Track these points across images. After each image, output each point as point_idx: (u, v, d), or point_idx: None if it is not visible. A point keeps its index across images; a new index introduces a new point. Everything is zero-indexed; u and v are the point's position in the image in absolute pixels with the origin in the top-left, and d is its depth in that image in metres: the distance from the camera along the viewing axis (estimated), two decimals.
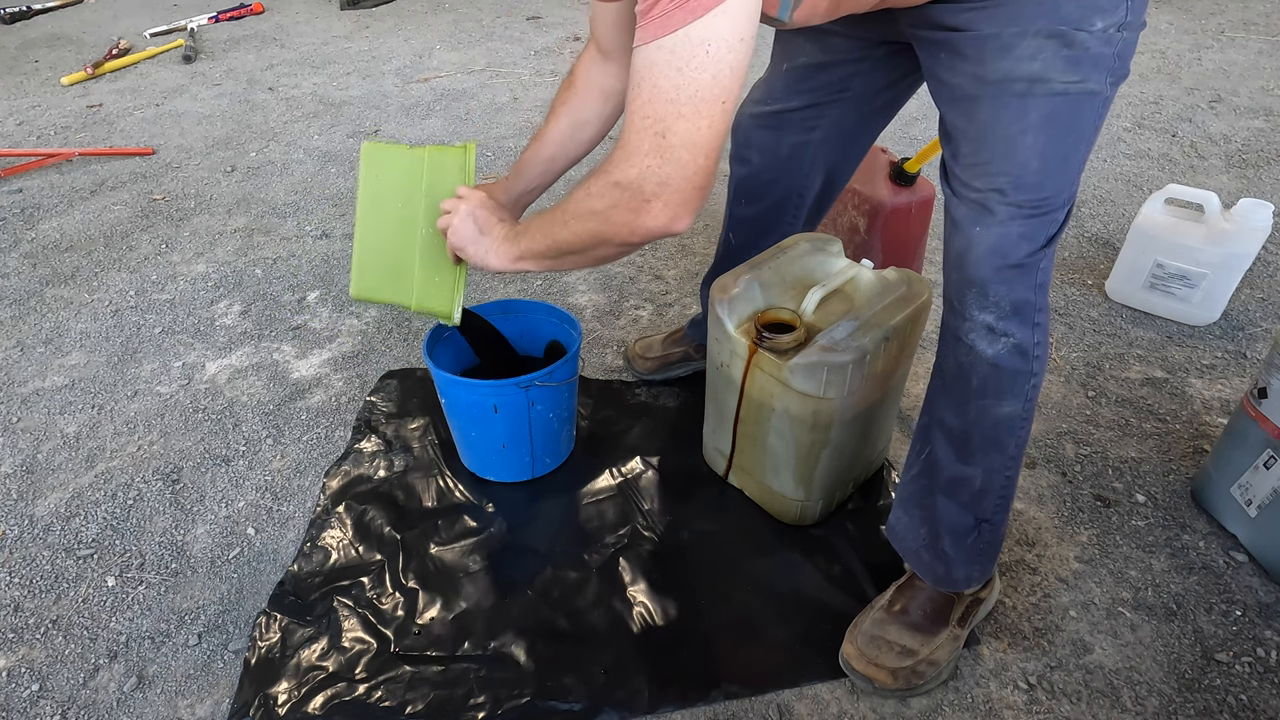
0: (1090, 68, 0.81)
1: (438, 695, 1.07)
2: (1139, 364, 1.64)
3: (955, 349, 0.94)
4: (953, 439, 0.99)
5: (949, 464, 1.00)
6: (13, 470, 1.46)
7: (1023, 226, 0.86)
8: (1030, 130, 0.83)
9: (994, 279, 0.88)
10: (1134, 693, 1.06)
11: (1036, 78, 0.81)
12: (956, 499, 1.02)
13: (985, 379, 0.93)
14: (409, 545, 1.29)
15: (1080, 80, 0.81)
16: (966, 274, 0.89)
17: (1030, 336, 0.91)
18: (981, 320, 0.90)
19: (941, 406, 1.00)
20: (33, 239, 2.24)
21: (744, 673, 1.09)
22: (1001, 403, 0.94)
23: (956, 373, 0.95)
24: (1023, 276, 0.88)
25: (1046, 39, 0.80)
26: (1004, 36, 0.82)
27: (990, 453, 0.98)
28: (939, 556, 1.05)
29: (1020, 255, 0.87)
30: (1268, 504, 1.18)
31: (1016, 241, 0.86)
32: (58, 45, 4.00)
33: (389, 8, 4.52)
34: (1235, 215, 1.62)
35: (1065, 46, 0.80)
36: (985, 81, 0.84)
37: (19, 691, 1.10)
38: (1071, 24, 0.79)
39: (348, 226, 2.28)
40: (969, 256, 0.88)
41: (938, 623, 1.08)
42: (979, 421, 0.96)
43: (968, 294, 0.90)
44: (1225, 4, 3.95)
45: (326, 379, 1.67)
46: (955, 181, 0.91)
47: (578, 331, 1.35)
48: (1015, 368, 0.92)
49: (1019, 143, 0.84)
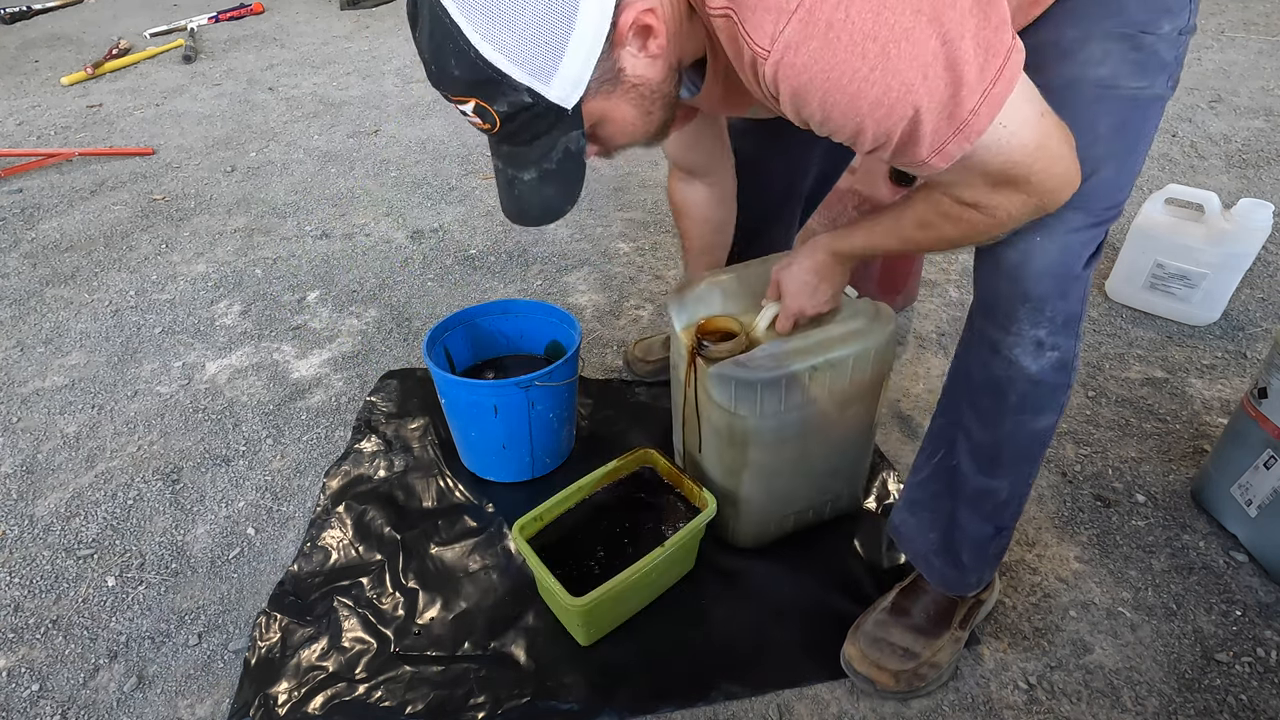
0: (1157, 71, 0.79)
1: (438, 695, 1.07)
2: (1139, 364, 1.64)
3: (991, 362, 0.89)
4: (980, 453, 0.95)
5: (974, 477, 0.96)
6: (13, 470, 1.46)
7: (1086, 235, 0.82)
8: (1102, 139, 0.79)
9: (1053, 292, 0.83)
10: (1134, 693, 1.06)
11: (1106, 83, 0.78)
12: (979, 510, 0.98)
13: (1025, 395, 0.88)
14: (409, 545, 1.28)
15: (1148, 85, 0.79)
16: (1023, 287, 0.83)
17: (1073, 349, 0.87)
18: (1032, 335, 0.85)
19: (967, 418, 0.95)
20: (33, 239, 2.24)
21: (744, 673, 1.09)
22: (1039, 417, 0.90)
23: (990, 386, 0.90)
24: (1077, 288, 0.84)
25: (1114, 42, 0.77)
26: (1064, 41, 0.79)
27: (1020, 465, 0.95)
28: (953, 562, 1.03)
29: (1079, 266, 0.83)
30: (1268, 504, 1.18)
31: (1079, 251, 0.82)
32: (58, 45, 4.00)
33: (389, 8, 4.52)
34: (1235, 215, 1.62)
35: (1134, 50, 0.77)
36: (1048, 89, 0.78)
37: (19, 691, 1.10)
38: (1139, 27, 0.77)
39: (348, 226, 2.28)
40: (1028, 269, 0.82)
41: (940, 625, 1.07)
42: (1013, 436, 0.92)
43: (1020, 308, 0.84)
44: (1225, 4, 3.95)
45: (326, 379, 1.67)
46: None
47: (578, 331, 1.35)
48: (1056, 382, 0.88)
49: (1091, 151, 0.79)
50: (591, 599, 1.02)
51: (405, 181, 2.54)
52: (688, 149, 1.12)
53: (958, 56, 0.62)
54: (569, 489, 1.19)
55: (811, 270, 1.03)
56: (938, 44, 0.62)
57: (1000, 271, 0.85)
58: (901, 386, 1.59)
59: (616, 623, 1.14)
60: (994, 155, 0.69)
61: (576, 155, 0.73)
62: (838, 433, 1.16)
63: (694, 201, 1.20)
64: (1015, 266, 0.83)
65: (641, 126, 0.77)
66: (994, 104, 0.65)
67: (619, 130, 0.76)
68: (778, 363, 1.04)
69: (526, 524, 1.14)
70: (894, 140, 0.67)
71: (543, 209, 0.77)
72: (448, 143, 2.81)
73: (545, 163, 0.73)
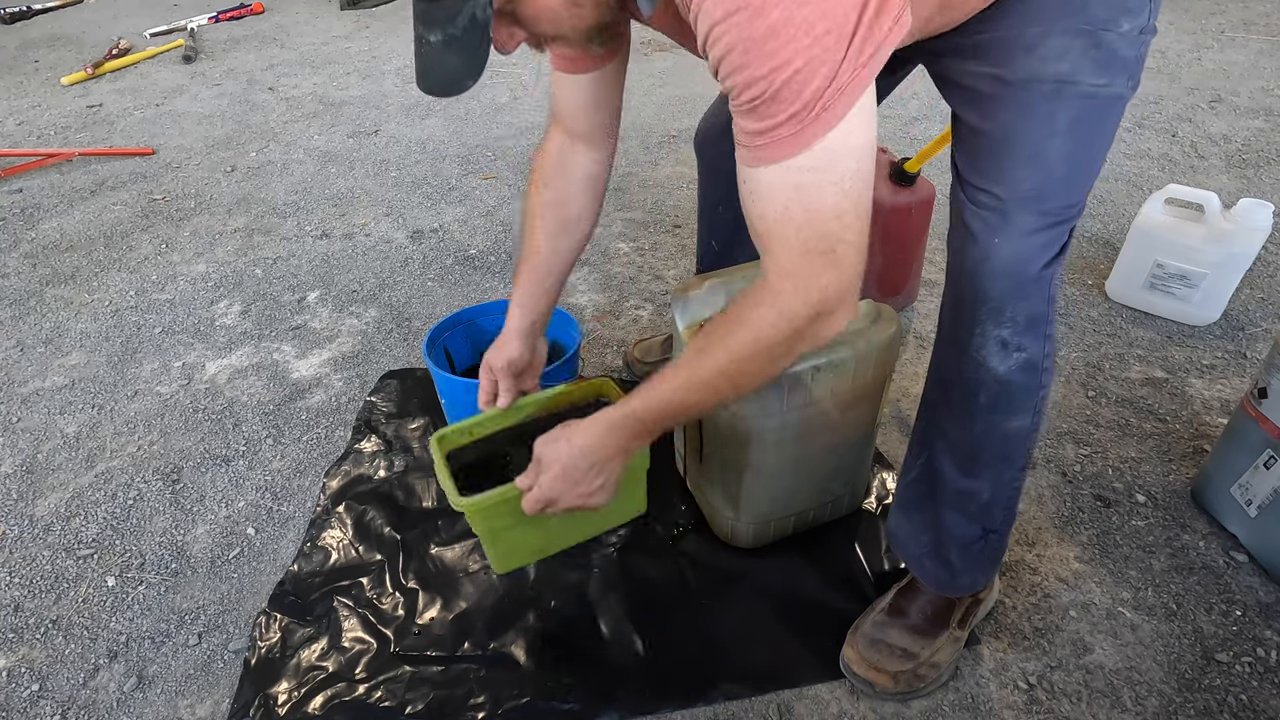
0: (1117, 70, 0.79)
1: (438, 695, 1.07)
2: (1139, 364, 1.64)
3: (961, 363, 0.89)
4: (957, 453, 0.95)
5: (953, 478, 0.97)
6: (13, 470, 1.46)
7: (1044, 237, 0.83)
8: (1059, 134, 0.79)
9: (1012, 293, 0.83)
10: (1134, 693, 1.06)
11: (1065, 78, 0.78)
12: (963, 511, 0.99)
13: (995, 395, 0.89)
14: (409, 545, 1.28)
15: (1107, 83, 0.79)
16: (982, 287, 0.84)
17: (1041, 350, 0.88)
18: (995, 335, 0.85)
19: (943, 418, 0.96)
20: (33, 239, 2.24)
21: (744, 673, 1.09)
22: (1011, 418, 0.91)
23: (961, 387, 0.91)
24: (1038, 289, 0.85)
25: (1074, 38, 0.77)
26: (1026, 36, 0.79)
27: (998, 466, 0.95)
28: (943, 564, 1.04)
29: (1038, 267, 0.83)
30: (1268, 504, 1.18)
31: (1038, 252, 0.83)
32: (58, 45, 4.00)
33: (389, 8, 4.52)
34: (1235, 215, 1.62)
35: (1094, 47, 0.77)
36: (1007, 83, 0.80)
37: (19, 691, 1.10)
38: (1100, 24, 0.77)
39: (348, 226, 2.28)
40: (985, 269, 0.84)
41: (938, 625, 1.07)
42: (987, 437, 0.92)
43: (981, 309, 0.85)
44: (1225, 4, 3.95)
45: (326, 379, 1.67)
46: (970, 189, 0.86)
47: (578, 331, 1.35)
48: (1026, 383, 0.88)
49: (1046, 147, 0.80)
50: (479, 501, 0.93)
51: (405, 181, 2.54)
52: (589, 108, 0.98)
53: (854, 29, 0.62)
54: (509, 410, 1.07)
55: (582, 451, 0.86)
56: (851, 8, 0.62)
57: (962, 273, 0.86)
58: (901, 387, 1.59)
59: (537, 554, 1.08)
60: (827, 174, 0.67)
61: (482, 26, 0.70)
62: (839, 434, 1.16)
63: (572, 174, 1.03)
64: (974, 267, 0.85)
65: (567, 17, 0.74)
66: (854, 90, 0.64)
67: (541, 14, 0.73)
68: None
69: (449, 435, 1.06)
70: (772, 89, 0.64)
71: (444, 77, 0.73)
72: (448, 143, 2.81)
73: (450, 27, 0.69)
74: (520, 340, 1.06)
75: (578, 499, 0.88)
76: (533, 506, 0.90)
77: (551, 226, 1.03)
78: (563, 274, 1.08)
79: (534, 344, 1.10)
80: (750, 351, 0.76)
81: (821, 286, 0.72)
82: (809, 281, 0.72)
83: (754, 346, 0.76)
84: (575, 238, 1.06)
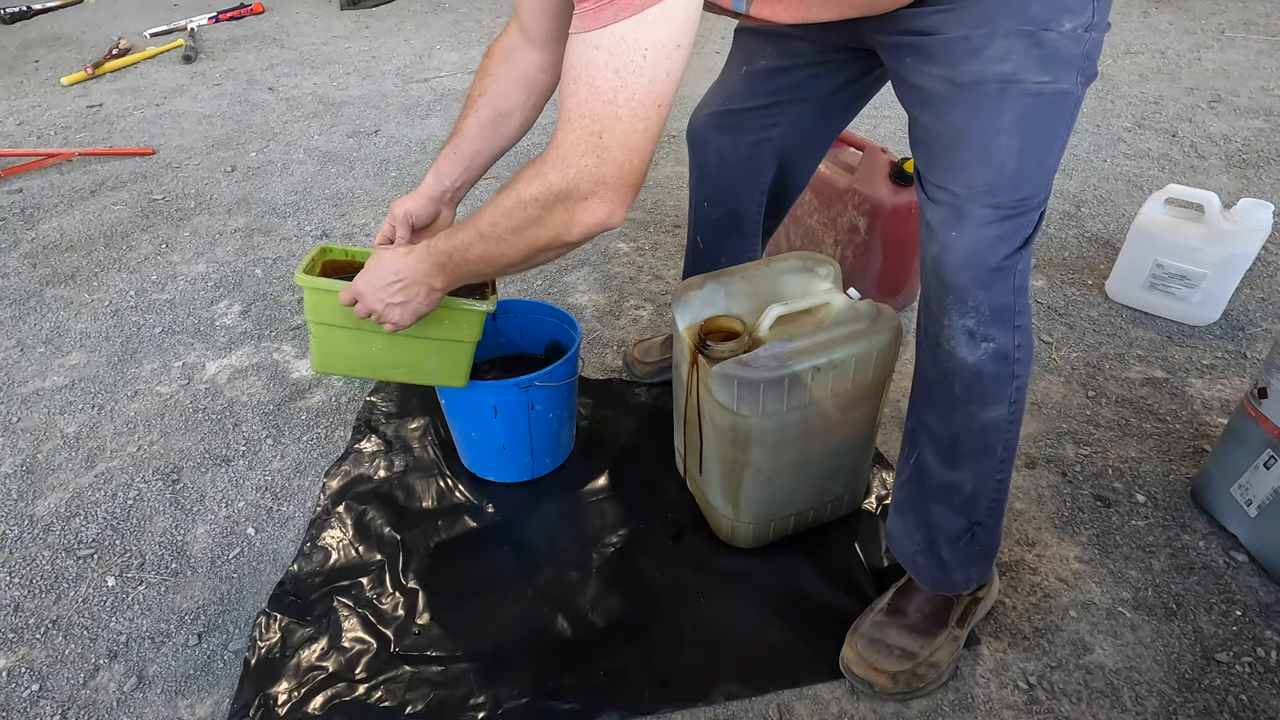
0: (1061, 67, 0.82)
1: (438, 695, 1.07)
2: (1139, 364, 1.64)
3: (935, 355, 0.93)
4: (939, 445, 0.98)
5: (938, 470, 0.99)
6: (13, 470, 1.46)
7: (999, 229, 0.85)
8: (1005, 131, 0.83)
9: (972, 284, 0.86)
10: (1134, 693, 1.06)
11: (1009, 78, 0.81)
12: (949, 504, 1.01)
13: (968, 385, 0.92)
14: (409, 545, 1.29)
15: (1052, 80, 0.82)
16: (944, 279, 0.88)
17: (1011, 340, 0.90)
18: (961, 325, 0.89)
19: (925, 413, 0.99)
20: (33, 239, 2.24)
21: (744, 673, 1.09)
22: (986, 408, 0.93)
23: (938, 379, 0.94)
24: (1001, 280, 0.87)
25: (1016, 39, 0.80)
26: (973, 38, 0.82)
27: (978, 457, 0.97)
28: (936, 561, 1.05)
29: (998, 258, 0.86)
30: (1268, 504, 1.18)
31: (994, 244, 0.86)
32: (58, 45, 4.00)
33: (389, 8, 4.52)
34: (1235, 215, 1.62)
35: (1036, 46, 0.80)
36: (956, 84, 0.84)
37: (19, 691, 1.10)
38: (1040, 24, 0.80)
39: (348, 226, 2.28)
40: (945, 261, 0.87)
41: (936, 624, 1.08)
42: (965, 427, 0.95)
43: (946, 299, 0.89)
44: (1225, 4, 3.95)
45: (326, 379, 1.67)
46: (929, 186, 0.90)
47: (578, 331, 1.35)
48: (997, 373, 0.91)
49: (994, 144, 0.83)
50: (313, 281, 1.04)
51: (405, 181, 2.54)
52: (544, 13, 1.02)
53: None
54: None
55: (392, 267, 0.95)
56: None
57: (926, 267, 0.91)
58: (901, 387, 1.59)
59: (354, 370, 1.15)
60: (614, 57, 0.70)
61: None
62: (839, 434, 1.16)
63: (514, 69, 1.07)
64: (935, 259, 0.88)
65: None
66: None
67: None
68: (780, 363, 1.04)
69: (334, 249, 1.15)
70: None
71: None
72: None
73: None
74: (425, 200, 1.14)
75: (378, 303, 0.96)
76: (345, 296, 1.00)
77: (484, 114, 1.10)
78: (487, 160, 1.14)
79: (439, 210, 1.16)
80: (507, 209, 0.82)
81: (580, 166, 0.76)
82: (571, 159, 0.76)
83: (512, 206, 0.81)
84: (505, 131, 1.11)
